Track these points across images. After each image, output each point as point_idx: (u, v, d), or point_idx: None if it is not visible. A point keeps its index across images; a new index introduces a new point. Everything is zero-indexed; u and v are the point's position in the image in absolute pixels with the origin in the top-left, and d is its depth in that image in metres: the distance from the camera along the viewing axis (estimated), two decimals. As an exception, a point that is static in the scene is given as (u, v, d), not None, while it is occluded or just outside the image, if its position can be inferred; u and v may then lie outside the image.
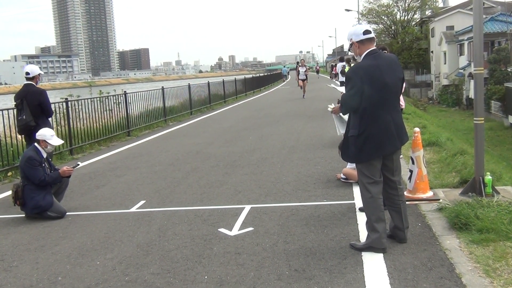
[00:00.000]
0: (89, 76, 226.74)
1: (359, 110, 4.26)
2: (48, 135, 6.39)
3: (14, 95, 8.00)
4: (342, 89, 5.07)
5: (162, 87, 17.70)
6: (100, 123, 12.90)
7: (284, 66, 66.25)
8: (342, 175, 6.93)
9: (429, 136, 10.08)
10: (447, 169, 7.35)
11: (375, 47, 4.40)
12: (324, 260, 4.24)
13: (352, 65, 14.68)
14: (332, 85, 7.38)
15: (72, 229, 5.66)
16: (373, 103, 4.22)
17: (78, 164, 7.09)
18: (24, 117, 7.52)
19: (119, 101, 14.26)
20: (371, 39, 4.36)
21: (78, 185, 7.83)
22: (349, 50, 4.62)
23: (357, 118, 4.30)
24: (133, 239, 5.13)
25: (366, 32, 4.33)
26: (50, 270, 4.45)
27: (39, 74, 7.80)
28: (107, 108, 13.51)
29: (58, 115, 11.41)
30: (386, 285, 3.68)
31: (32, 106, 7.50)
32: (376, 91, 4.22)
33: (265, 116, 17.31)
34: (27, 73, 7.72)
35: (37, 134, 6.42)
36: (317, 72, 67.18)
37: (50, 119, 8.08)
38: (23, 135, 8.07)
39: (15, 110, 8.19)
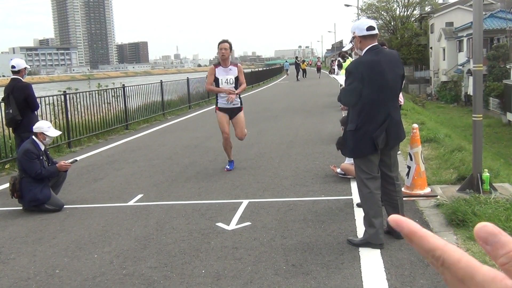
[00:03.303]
0: (88, 69, 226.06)
1: (358, 105, 4.27)
2: (45, 127, 6.36)
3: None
4: (340, 79, 5.07)
5: (161, 80, 17.66)
6: (98, 116, 12.86)
7: (286, 61, 65.18)
8: (339, 170, 6.93)
9: (428, 133, 10.08)
10: (445, 165, 7.36)
11: (377, 43, 4.40)
12: (321, 255, 4.25)
13: (346, 59, 14.68)
14: (332, 76, 7.44)
15: (69, 222, 5.66)
16: (373, 98, 4.23)
17: (76, 160, 7.09)
18: (10, 111, 7.55)
19: (118, 94, 14.23)
20: (373, 35, 4.36)
21: (75, 178, 7.83)
22: (350, 42, 4.62)
23: (356, 113, 4.31)
24: (131, 233, 5.13)
25: (370, 28, 4.34)
26: (47, 263, 4.46)
27: (25, 68, 7.79)
28: (106, 101, 13.48)
29: (56, 107, 11.40)
30: (382, 280, 3.69)
31: (18, 100, 7.53)
32: (376, 87, 4.22)
33: (264, 111, 17.29)
34: (13, 67, 7.71)
35: (34, 127, 6.40)
36: (318, 70, 49.16)
37: (36, 112, 8.09)
38: (10, 128, 8.15)
39: (2, 103, 8.23)
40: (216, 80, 7.50)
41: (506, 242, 0.47)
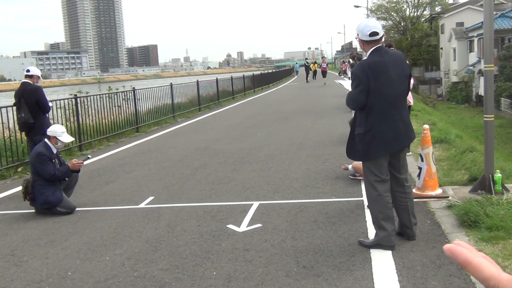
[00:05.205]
0: (98, 73, 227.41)
1: (366, 108, 4.25)
2: (59, 132, 6.41)
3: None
4: (346, 84, 5.08)
5: (171, 83, 17.73)
6: (109, 119, 12.95)
7: (296, 63, 65.15)
8: (350, 168, 6.89)
9: (438, 133, 10.03)
10: (456, 166, 7.31)
11: (381, 44, 4.37)
12: (333, 257, 4.24)
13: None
14: (338, 81, 7.40)
15: (81, 225, 5.70)
16: (380, 100, 4.21)
17: (89, 157, 7.13)
18: (22, 115, 7.64)
19: (128, 97, 14.32)
20: (377, 40, 4.32)
21: (87, 181, 7.88)
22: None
23: (364, 116, 4.29)
24: (142, 235, 5.16)
25: (373, 34, 4.27)
26: (60, 265, 4.49)
27: (38, 76, 7.90)
28: (116, 104, 13.56)
29: (67, 111, 11.50)
30: (394, 282, 3.67)
31: (30, 104, 7.63)
32: (383, 88, 4.21)
33: (274, 113, 17.30)
34: (28, 71, 7.87)
35: (48, 130, 6.46)
36: (324, 73, 38.52)
37: (48, 115, 8.17)
38: (23, 132, 8.23)
39: (14, 108, 8.34)
40: None
41: None
